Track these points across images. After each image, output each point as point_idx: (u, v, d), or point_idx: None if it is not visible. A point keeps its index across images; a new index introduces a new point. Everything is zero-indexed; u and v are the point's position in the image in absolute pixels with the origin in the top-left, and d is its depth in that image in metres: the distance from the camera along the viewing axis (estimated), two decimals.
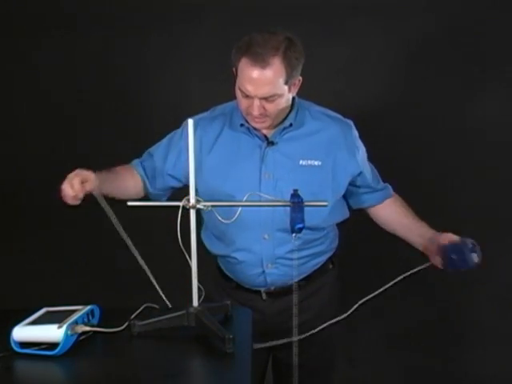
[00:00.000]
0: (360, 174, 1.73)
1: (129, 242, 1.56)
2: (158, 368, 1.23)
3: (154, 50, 2.46)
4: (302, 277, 1.71)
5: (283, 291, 1.70)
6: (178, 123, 1.74)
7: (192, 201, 1.33)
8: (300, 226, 1.42)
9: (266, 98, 1.55)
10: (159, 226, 1.89)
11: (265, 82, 1.52)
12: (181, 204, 1.33)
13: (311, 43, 1.62)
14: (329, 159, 1.67)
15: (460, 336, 2.59)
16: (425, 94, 2.42)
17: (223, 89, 2.01)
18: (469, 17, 2.36)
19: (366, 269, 2.46)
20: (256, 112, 1.56)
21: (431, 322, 2.58)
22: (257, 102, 1.55)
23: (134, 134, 2.47)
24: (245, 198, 1.46)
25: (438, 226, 2.50)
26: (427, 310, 2.57)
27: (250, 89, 1.53)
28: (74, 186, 1.48)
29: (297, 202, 1.39)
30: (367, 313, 2.60)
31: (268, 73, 1.51)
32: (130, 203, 1.38)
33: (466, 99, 2.42)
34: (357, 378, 2.59)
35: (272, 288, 1.72)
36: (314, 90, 1.71)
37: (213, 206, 1.47)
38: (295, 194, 1.40)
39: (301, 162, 1.65)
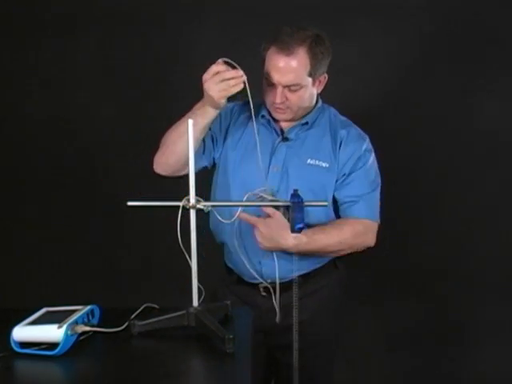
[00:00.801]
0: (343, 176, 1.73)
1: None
2: (158, 368, 1.23)
3: (154, 50, 2.46)
4: (300, 273, 1.70)
5: (281, 287, 1.69)
6: None
7: (192, 201, 1.33)
8: (300, 225, 1.42)
9: (289, 87, 1.60)
10: (159, 225, 1.89)
11: (289, 70, 1.58)
12: (181, 204, 1.33)
13: None
14: (336, 164, 1.70)
15: (460, 336, 2.58)
16: (425, 93, 2.43)
17: None
18: (469, 17, 2.36)
19: (367, 270, 2.46)
20: (278, 99, 1.61)
21: (430, 322, 2.58)
22: (280, 90, 1.60)
23: (133, 133, 2.47)
24: (245, 198, 1.48)
25: (438, 225, 2.51)
26: (426, 310, 2.57)
27: (274, 76, 1.59)
28: (220, 66, 1.49)
29: (297, 202, 1.39)
30: (367, 313, 2.62)
31: (292, 61, 1.58)
32: (129, 203, 1.37)
33: (466, 99, 2.42)
34: (356, 378, 2.59)
35: (268, 281, 1.72)
36: None
37: (213, 206, 1.47)
38: (295, 194, 1.40)
39: (309, 160, 1.69)
